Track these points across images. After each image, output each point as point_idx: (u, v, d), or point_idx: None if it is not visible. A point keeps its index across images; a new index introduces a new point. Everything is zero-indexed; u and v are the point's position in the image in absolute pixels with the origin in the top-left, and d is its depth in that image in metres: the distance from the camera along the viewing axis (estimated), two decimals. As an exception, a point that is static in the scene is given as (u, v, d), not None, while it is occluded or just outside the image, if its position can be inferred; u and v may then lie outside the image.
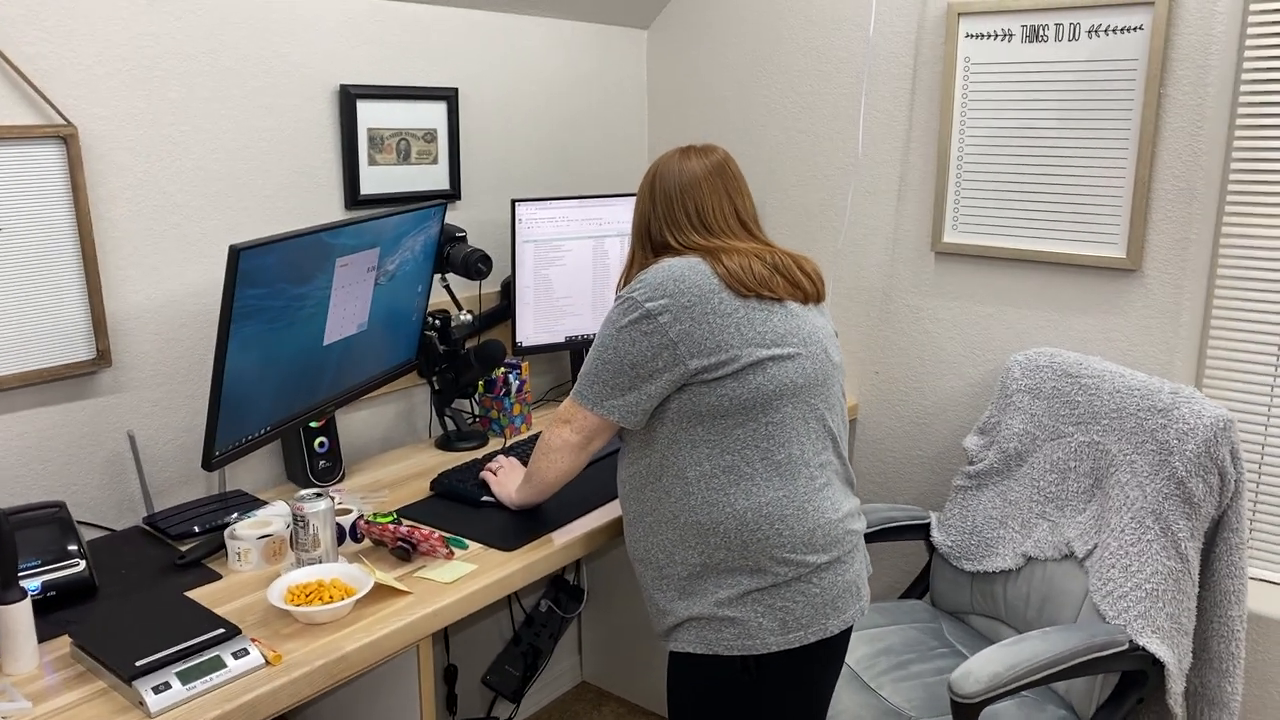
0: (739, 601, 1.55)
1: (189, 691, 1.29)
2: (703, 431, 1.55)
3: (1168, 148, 2.08)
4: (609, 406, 1.59)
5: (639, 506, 1.63)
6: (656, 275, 1.56)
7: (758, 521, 1.53)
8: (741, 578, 1.55)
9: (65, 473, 1.76)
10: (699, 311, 1.53)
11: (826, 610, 1.57)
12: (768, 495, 1.54)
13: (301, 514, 1.60)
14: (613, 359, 1.57)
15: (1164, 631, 1.77)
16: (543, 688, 2.92)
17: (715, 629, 1.56)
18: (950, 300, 2.44)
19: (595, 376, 1.60)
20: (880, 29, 2.44)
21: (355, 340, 1.95)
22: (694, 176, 1.65)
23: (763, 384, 1.53)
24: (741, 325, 1.54)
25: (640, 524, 1.63)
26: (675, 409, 1.56)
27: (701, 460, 1.55)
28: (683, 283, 1.54)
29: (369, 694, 1.69)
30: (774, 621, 1.55)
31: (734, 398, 1.53)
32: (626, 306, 1.57)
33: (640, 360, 1.55)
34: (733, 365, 1.52)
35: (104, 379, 1.80)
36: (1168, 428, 1.84)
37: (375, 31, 2.15)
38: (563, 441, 1.66)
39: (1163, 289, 2.14)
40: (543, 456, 1.71)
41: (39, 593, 1.49)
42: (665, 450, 1.58)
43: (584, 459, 1.68)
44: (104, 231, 1.76)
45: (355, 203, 2.16)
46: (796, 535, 1.54)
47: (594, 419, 1.62)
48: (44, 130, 1.64)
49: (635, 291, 1.57)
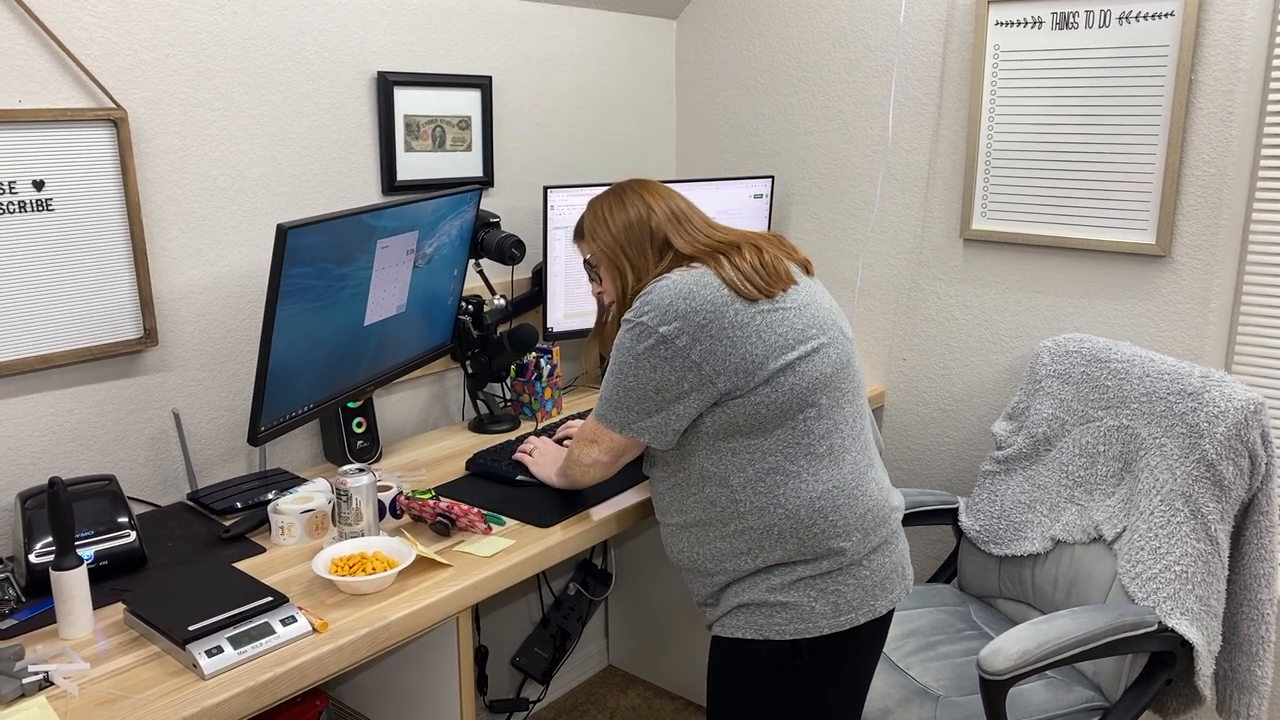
0: (792, 587, 1.54)
1: (240, 655, 1.33)
2: (742, 440, 1.52)
3: (1198, 133, 2.08)
4: (637, 429, 1.57)
5: (681, 517, 1.61)
6: (663, 296, 1.51)
7: (812, 516, 1.52)
8: (797, 566, 1.54)
9: (113, 448, 1.81)
10: (716, 329, 1.48)
11: (876, 591, 1.57)
12: (818, 488, 1.52)
13: (345, 488, 1.64)
14: (634, 385, 1.54)
15: (1193, 613, 1.79)
16: (570, 670, 2.96)
17: (767, 614, 1.55)
18: (979, 287, 2.45)
19: (618, 402, 1.57)
20: (910, 17, 2.45)
21: (394, 322, 1.98)
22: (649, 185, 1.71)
23: (795, 384, 1.51)
24: (763, 332, 1.50)
25: (685, 534, 1.62)
26: (710, 425, 1.53)
27: (744, 466, 1.53)
28: (693, 300, 1.49)
29: (409, 666, 1.73)
30: (826, 605, 1.54)
31: (770, 404, 1.50)
32: (639, 333, 1.51)
33: (664, 385, 1.51)
34: (761, 374, 1.49)
35: (150, 357, 1.84)
36: (1198, 411, 1.85)
37: (412, 20, 2.19)
38: (593, 460, 1.67)
39: (1192, 275, 2.14)
40: (575, 467, 1.72)
41: (92, 561, 1.54)
42: (705, 461, 1.56)
43: (615, 470, 1.69)
44: (151, 213, 1.80)
45: (392, 188, 2.19)
46: (850, 522, 1.54)
47: (621, 439, 1.61)
48: (95, 113, 1.68)
49: (644, 316, 1.51)
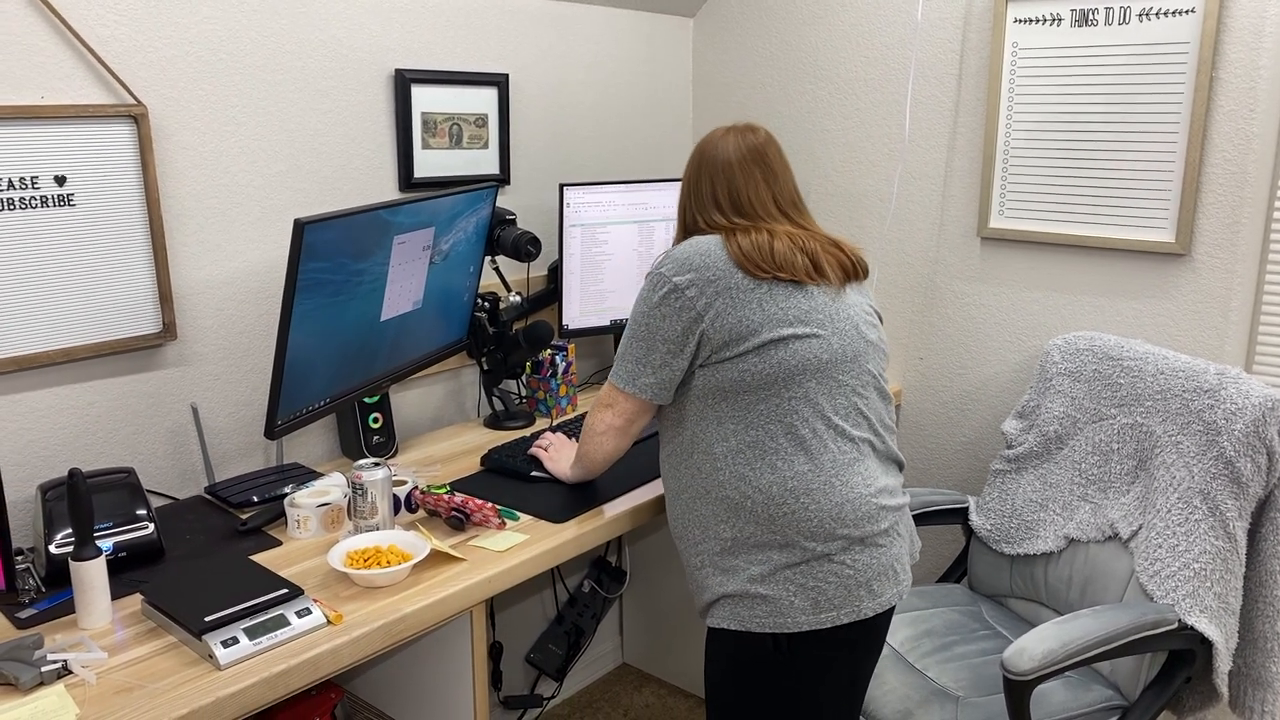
0: (770, 578, 1.56)
1: (255, 646, 1.34)
2: (727, 408, 1.58)
3: (1219, 131, 2.07)
4: (641, 385, 1.62)
5: (676, 483, 1.67)
6: (683, 250, 1.60)
7: (783, 496, 1.55)
8: (772, 553, 1.56)
9: (132, 441, 1.83)
10: (722, 286, 1.56)
11: (859, 592, 1.57)
12: (793, 469, 1.55)
13: (360, 482, 1.65)
14: (645, 335, 1.61)
15: (1212, 611, 1.77)
16: (584, 668, 2.97)
17: (748, 606, 1.58)
18: (996, 286, 2.44)
19: (629, 355, 1.64)
20: (928, 14, 2.44)
21: (410, 318, 2.00)
22: (727, 160, 1.67)
23: (784, 359, 1.55)
24: (764, 301, 1.56)
25: (678, 500, 1.67)
26: (700, 385, 1.59)
27: (728, 436, 1.58)
28: (708, 257, 1.58)
29: (424, 660, 1.74)
30: (806, 601, 1.56)
31: (756, 373, 1.55)
32: (655, 282, 1.60)
33: (671, 335, 1.58)
34: (754, 340, 1.55)
35: (169, 352, 1.86)
36: (1215, 408, 1.84)
37: (430, 18, 2.20)
38: (606, 425, 1.70)
39: (1213, 274, 2.13)
40: (589, 440, 1.75)
41: (111, 553, 1.56)
42: (695, 427, 1.61)
43: (628, 439, 1.72)
44: (170, 209, 1.82)
45: (409, 185, 2.20)
46: (824, 509, 1.55)
47: (632, 401, 1.66)
48: (117, 110, 1.70)
49: (663, 267, 1.61)
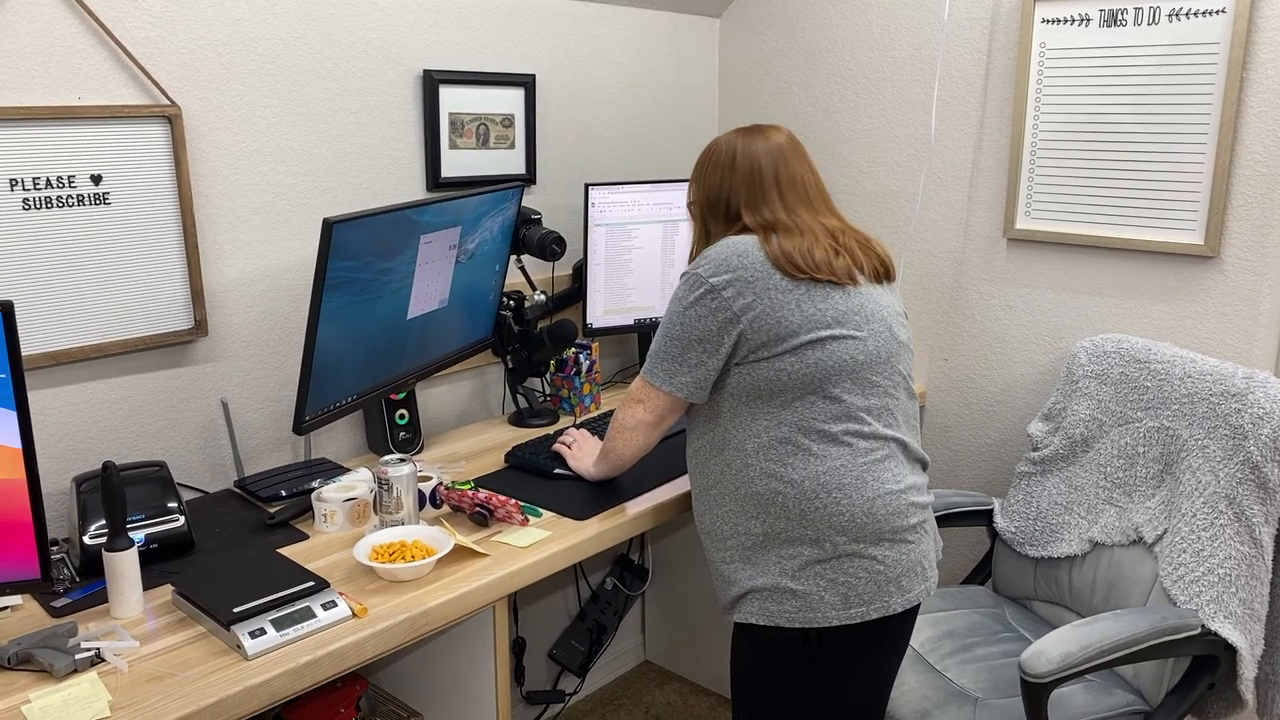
0: (800, 573, 1.57)
1: (282, 637, 1.37)
2: (762, 405, 1.58)
3: (1249, 133, 2.05)
4: (678, 384, 1.62)
5: (704, 479, 1.67)
6: (721, 251, 1.60)
7: (815, 490, 1.55)
8: (802, 548, 1.57)
9: (163, 436, 1.86)
10: (760, 287, 1.56)
11: (889, 587, 1.58)
12: (825, 466, 1.56)
13: (386, 477, 1.68)
14: (680, 335, 1.61)
15: (1236, 616, 1.76)
16: (607, 665, 2.98)
17: (777, 600, 1.59)
18: (1022, 287, 2.43)
19: (664, 354, 1.64)
20: (954, 14, 2.44)
21: (436, 316, 2.02)
22: (779, 148, 1.68)
23: (821, 359, 1.55)
24: (802, 303, 1.56)
25: (706, 496, 1.67)
26: (734, 384, 1.60)
27: (760, 433, 1.58)
28: (746, 258, 1.58)
29: (447, 654, 1.76)
30: (836, 596, 1.57)
31: (792, 373, 1.56)
32: (692, 283, 1.60)
33: (707, 335, 1.58)
34: (792, 342, 1.55)
35: (200, 348, 1.89)
36: (1242, 412, 1.82)
37: (457, 19, 2.22)
38: (637, 421, 1.71)
39: (1242, 276, 2.11)
40: (618, 434, 1.75)
41: (143, 544, 1.59)
42: (728, 424, 1.62)
43: (657, 435, 1.73)
44: (203, 208, 1.85)
45: (436, 184, 2.23)
46: (855, 504, 1.56)
47: (665, 397, 1.66)
48: (151, 110, 1.73)
49: (700, 268, 1.60)
